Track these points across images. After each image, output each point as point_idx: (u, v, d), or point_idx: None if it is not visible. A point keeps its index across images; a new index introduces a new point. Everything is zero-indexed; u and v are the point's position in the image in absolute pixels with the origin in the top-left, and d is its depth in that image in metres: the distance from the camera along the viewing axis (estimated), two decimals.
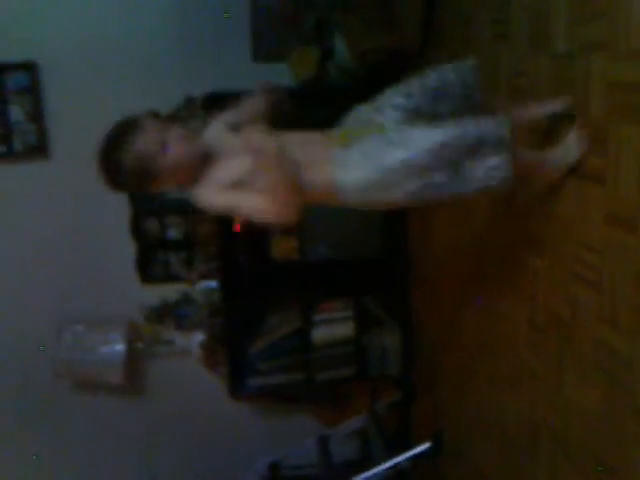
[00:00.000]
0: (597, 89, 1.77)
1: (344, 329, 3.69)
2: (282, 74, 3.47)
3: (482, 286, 2.74)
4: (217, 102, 3.31)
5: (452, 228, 3.10)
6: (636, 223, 1.63)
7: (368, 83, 2.21)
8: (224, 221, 3.49)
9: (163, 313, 3.79)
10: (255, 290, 3.65)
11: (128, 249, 3.69)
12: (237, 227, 3.57)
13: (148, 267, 3.74)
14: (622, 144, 1.67)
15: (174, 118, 3.44)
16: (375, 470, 3.33)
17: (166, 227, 3.72)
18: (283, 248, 3.69)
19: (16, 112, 3.54)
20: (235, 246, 3.60)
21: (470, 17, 2.70)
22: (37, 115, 3.55)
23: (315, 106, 3.10)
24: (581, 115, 1.87)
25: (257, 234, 3.63)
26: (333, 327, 3.69)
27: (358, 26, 3.10)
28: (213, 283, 3.65)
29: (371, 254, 3.73)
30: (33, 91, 3.52)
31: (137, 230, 3.68)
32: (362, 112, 2.03)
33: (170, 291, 3.76)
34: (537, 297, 2.23)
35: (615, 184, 1.71)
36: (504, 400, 2.60)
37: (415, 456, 3.33)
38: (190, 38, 3.58)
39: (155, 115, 3.41)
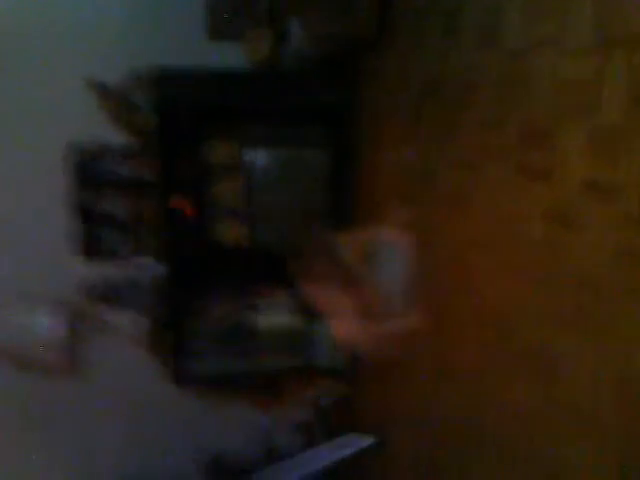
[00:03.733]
0: (545, 86, 1.74)
1: (290, 317, 3.65)
2: (237, 53, 3.41)
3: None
4: (165, 81, 3.26)
5: None
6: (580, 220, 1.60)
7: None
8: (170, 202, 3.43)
9: (106, 293, 3.68)
10: (201, 274, 3.58)
11: (64, 223, 3.54)
12: (189, 211, 3.50)
13: (89, 243, 3.61)
14: (569, 142, 1.64)
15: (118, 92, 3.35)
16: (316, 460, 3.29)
17: (103, 201, 3.55)
18: (233, 234, 3.62)
19: None
20: (182, 228, 3.52)
21: (423, 8, 2.65)
22: None
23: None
24: None
25: (205, 218, 3.56)
26: (279, 315, 3.65)
27: (314, 10, 3.02)
28: (158, 265, 3.56)
29: None
30: None
31: (79, 205, 3.54)
32: None
33: (113, 269, 3.64)
34: None
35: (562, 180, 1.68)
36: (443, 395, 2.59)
37: (359, 452, 3.29)
38: (144, 8, 3.46)
39: (103, 86, 3.34)
